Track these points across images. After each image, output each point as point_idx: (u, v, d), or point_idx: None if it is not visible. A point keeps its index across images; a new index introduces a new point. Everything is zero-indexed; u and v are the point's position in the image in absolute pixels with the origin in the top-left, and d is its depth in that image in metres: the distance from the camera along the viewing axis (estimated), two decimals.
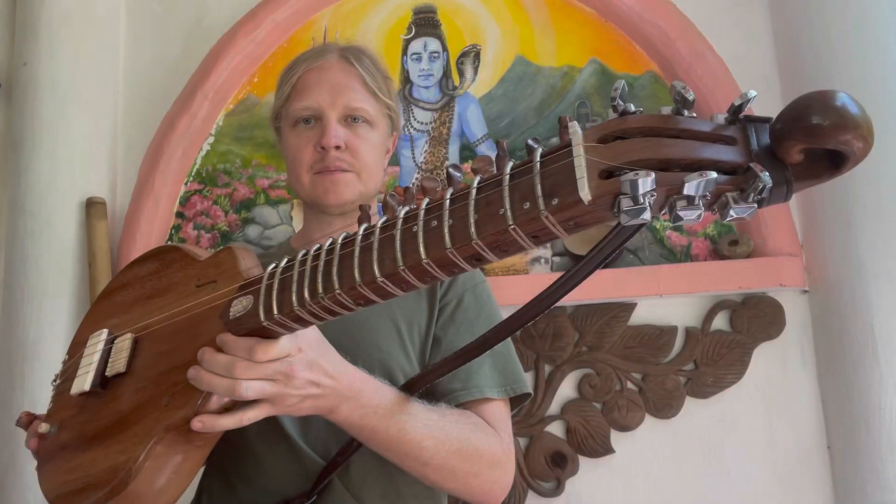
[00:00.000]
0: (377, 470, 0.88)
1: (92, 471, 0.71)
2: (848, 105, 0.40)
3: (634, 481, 1.65)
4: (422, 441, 0.78)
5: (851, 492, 1.54)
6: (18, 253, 1.76)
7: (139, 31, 2.04)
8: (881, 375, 1.49)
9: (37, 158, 1.80)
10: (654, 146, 0.43)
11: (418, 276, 0.54)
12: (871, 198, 1.53)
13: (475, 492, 0.86)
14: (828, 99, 0.40)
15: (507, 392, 0.91)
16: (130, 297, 0.86)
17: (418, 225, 0.54)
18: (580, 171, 0.44)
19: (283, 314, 0.62)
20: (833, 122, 0.39)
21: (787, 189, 0.42)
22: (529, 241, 0.49)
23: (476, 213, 0.50)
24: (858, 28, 1.59)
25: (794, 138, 0.40)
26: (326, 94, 0.99)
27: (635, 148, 0.43)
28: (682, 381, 1.67)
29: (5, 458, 1.65)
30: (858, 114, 0.40)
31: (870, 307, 1.51)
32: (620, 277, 1.66)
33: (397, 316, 0.93)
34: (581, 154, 0.44)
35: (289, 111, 1.02)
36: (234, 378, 0.64)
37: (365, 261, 0.56)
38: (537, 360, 1.70)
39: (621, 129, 0.44)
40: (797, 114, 0.40)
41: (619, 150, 0.43)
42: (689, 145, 0.42)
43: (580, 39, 1.87)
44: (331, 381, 0.70)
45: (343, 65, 1.02)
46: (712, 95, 1.73)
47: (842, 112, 0.39)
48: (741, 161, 0.42)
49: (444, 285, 0.97)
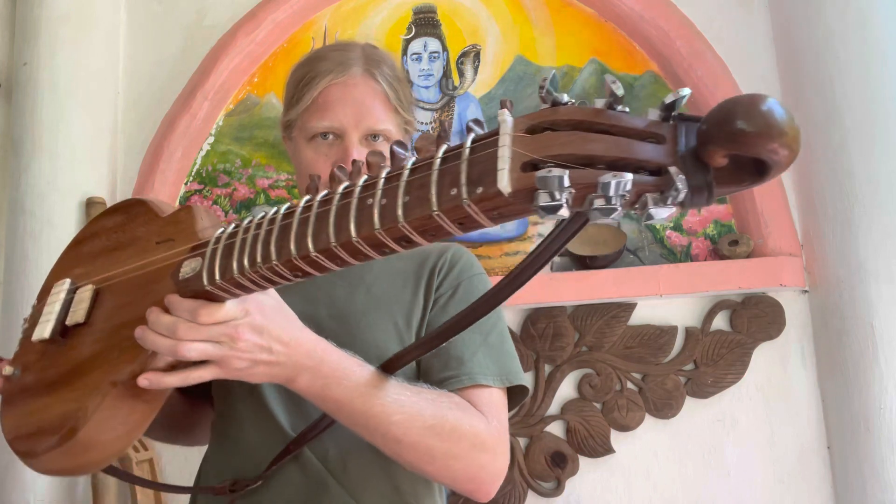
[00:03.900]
0: (375, 469, 0.87)
1: (45, 416, 0.73)
2: (774, 112, 0.38)
3: (634, 481, 1.65)
4: (391, 416, 0.75)
5: (851, 492, 1.54)
6: (18, 253, 1.76)
7: (139, 31, 2.04)
8: (881, 375, 1.49)
9: (37, 158, 1.80)
10: (579, 140, 0.42)
11: (351, 253, 0.54)
12: (871, 198, 1.53)
13: (459, 476, 0.81)
14: (754, 104, 0.38)
15: (503, 381, 0.88)
16: (96, 248, 0.87)
17: (352, 202, 0.53)
18: (502, 161, 0.43)
19: (225, 280, 0.62)
20: (757, 128, 0.38)
21: (708, 194, 0.41)
22: (455, 227, 0.48)
23: (406, 195, 0.49)
24: (858, 28, 1.59)
25: (717, 143, 0.39)
26: (350, 116, 0.96)
27: (560, 141, 0.42)
28: (682, 381, 1.67)
29: (5, 458, 1.65)
30: (785, 121, 0.38)
31: (870, 307, 1.51)
32: (620, 277, 1.66)
33: (395, 311, 0.92)
34: (506, 144, 0.43)
35: (307, 125, 0.98)
36: (176, 339, 0.65)
37: (301, 234, 0.56)
38: (537, 360, 1.70)
39: (551, 121, 0.44)
40: (722, 117, 0.39)
41: (545, 142, 0.43)
42: (615, 142, 0.41)
43: (580, 39, 1.87)
44: (283, 348, 0.69)
45: (368, 82, 0.98)
46: (712, 95, 1.73)
47: (767, 119, 0.38)
48: (665, 162, 0.41)
49: (440, 277, 0.95)
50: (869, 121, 1.54)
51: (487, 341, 0.89)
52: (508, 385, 0.89)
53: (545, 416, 1.68)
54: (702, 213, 1.76)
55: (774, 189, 1.69)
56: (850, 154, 1.56)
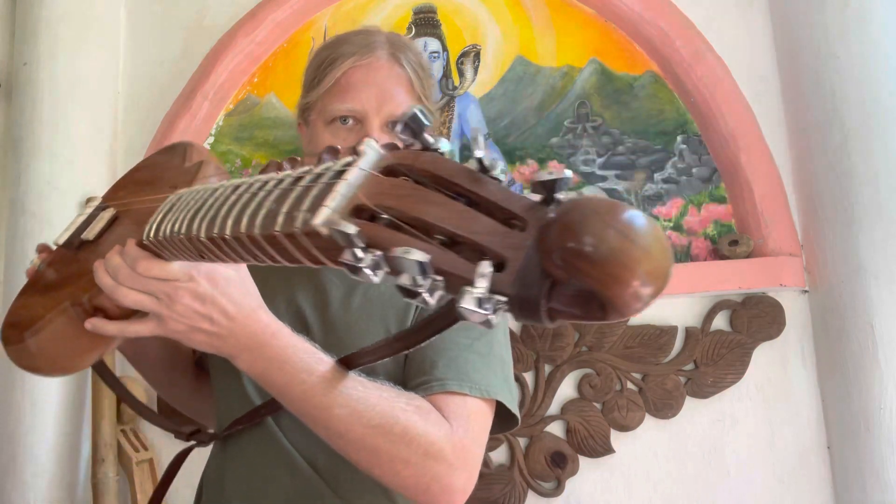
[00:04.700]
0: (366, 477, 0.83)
1: (24, 313, 0.77)
2: (636, 238, 0.29)
3: (634, 481, 1.66)
4: (333, 408, 0.70)
5: (851, 492, 1.54)
6: (18, 253, 1.76)
7: (139, 31, 2.04)
8: (881, 375, 1.49)
9: (37, 158, 1.80)
10: (418, 198, 0.35)
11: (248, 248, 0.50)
12: (871, 198, 1.53)
13: (408, 484, 0.74)
14: (611, 221, 0.29)
15: (480, 391, 0.80)
16: (138, 178, 0.91)
17: (247, 196, 0.50)
18: (333, 197, 0.37)
19: (157, 239, 0.64)
20: (599, 257, 0.29)
21: (534, 313, 0.32)
22: (302, 256, 0.42)
23: (269, 204, 0.45)
24: (858, 28, 1.59)
25: (551, 258, 0.31)
26: (373, 99, 0.92)
27: (399, 193, 0.36)
28: (682, 381, 1.67)
29: (5, 458, 1.65)
30: (643, 254, 0.29)
31: (870, 307, 1.51)
32: None
33: (389, 317, 0.88)
34: (348, 180, 0.38)
35: (327, 107, 0.94)
36: (117, 282, 0.67)
37: (204, 217, 0.54)
38: (537, 360, 1.70)
39: (408, 166, 0.37)
40: (570, 223, 0.30)
41: (387, 189, 0.36)
42: (459, 213, 0.34)
43: (580, 39, 1.87)
44: (227, 321, 0.68)
45: (392, 66, 0.94)
46: (712, 95, 1.73)
47: (618, 249, 0.29)
48: (505, 256, 0.32)
49: None
50: (869, 121, 1.54)
51: (473, 347, 0.83)
52: (486, 397, 0.81)
53: (545, 416, 1.68)
54: (702, 212, 1.76)
55: (774, 189, 1.70)
56: (850, 154, 1.56)
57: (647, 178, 1.78)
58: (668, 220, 1.76)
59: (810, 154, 1.66)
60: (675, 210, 1.76)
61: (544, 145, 1.83)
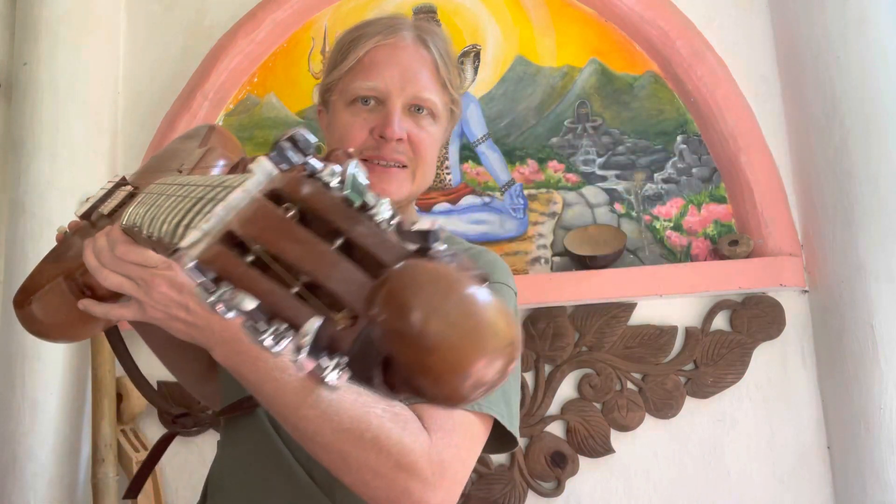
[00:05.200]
0: None
1: (36, 277, 0.80)
2: (475, 319, 0.25)
3: (634, 481, 1.66)
4: (302, 408, 0.67)
5: (851, 492, 1.54)
6: (18, 253, 1.76)
7: (139, 31, 2.04)
8: (881, 375, 1.49)
9: (37, 158, 1.80)
10: (282, 233, 0.31)
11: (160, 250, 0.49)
12: (871, 198, 1.53)
13: (378, 496, 0.69)
14: (449, 294, 0.26)
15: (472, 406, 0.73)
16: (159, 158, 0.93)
17: (174, 200, 0.47)
18: (207, 220, 0.32)
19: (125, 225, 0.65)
20: (423, 336, 0.25)
21: (369, 384, 0.29)
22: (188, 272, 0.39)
23: (176, 213, 0.42)
24: (858, 28, 1.59)
25: (375, 331, 0.27)
26: (397, 78, 0.88)
27: (266, 224, 0.31)
28: (682, 381, 1.67)
29: (5, 458, 1.65)
30: (477, 339, 0.25)
31: (870, 307, 1.51)
32: (620, 277, 1.66)
33: None
34: (226, 202, 0.33)
35: (348, 86, 0.90)
36: (100, 262, 0.69)
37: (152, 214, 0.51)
38: (537, 360, 1.70)
39: (289, 193, 0.32)
40: (390, 295, 0.27)
41: (260, 216, 0.32)
42: (319, 256, 0.30)
43: (580, 39, 1.87)
44: (203, 312, 0.67)
45: (418, 47, 0.91)
46: (712, 95, 1.73)
47: (447, 329, 0.25)
48: (357, 311, 0.28)
49: None
50: (869, 121, 1.54)
51: None
52: (477, 411, 0.74)
53: (545, 416, 1.68)
54: (702, 212, 1.76)
55: (774, 189, 1.69)
56: (850, 154, 1.56)
57: (647, 178, 1.78)
58: (668, 219, 1.76)
59: (810, 154, 1.66)
60: (675, 210, 1.76)
61: (544, 145, 1.83)
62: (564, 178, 1.81)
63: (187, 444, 1.73)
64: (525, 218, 1.80)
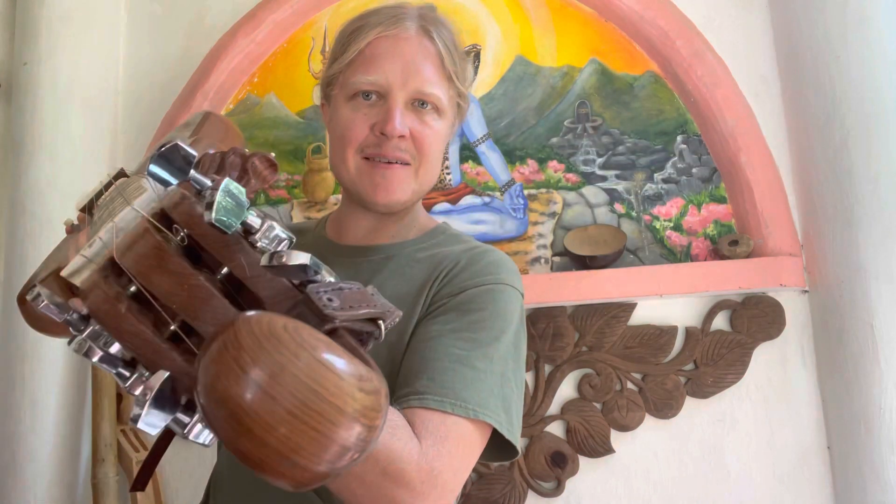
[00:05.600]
0: None
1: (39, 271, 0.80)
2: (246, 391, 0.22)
3: (634, 481, 1.66)
4: None
5: (851, 492, 1.54)
6: (18, 253, 1.76)
7: (139, 31, 2.04)
8: (881, 375, 1.49)
9: (37, 158, 1.80)
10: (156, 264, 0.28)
11: None
12: (871, 198, 1.53)
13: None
14: (238, 350, 0.22)
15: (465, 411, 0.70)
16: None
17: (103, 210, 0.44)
18: (91, 245, 0.30)
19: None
20: (211, 404, 0.22)
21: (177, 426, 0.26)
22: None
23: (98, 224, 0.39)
24: (858, 28, 1.59)
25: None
26: (398, 72, 0.85)
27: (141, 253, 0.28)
28: (682, 381, 1.67)
29: (5, 458, 1.65)
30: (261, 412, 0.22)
31: (870, 307, 1.51)
32: (620, 277, 1.66)
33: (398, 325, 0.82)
34: (113, 222, 0.30)
35: (349, 80, 0.87)
36: None
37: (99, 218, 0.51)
38: (537, 360, 1.70)
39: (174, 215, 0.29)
40: (220, 379, 0.24)
41: (139, 244, 0.29)
42: (189, 291, 0.27)
43: (580, 39, 1.87)
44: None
45: (422, 39, 0.87)
46: (712, 95, 1.73)
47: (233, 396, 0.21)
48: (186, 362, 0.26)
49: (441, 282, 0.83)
50: (869, 121, 1.54)
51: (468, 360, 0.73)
52: (473, 417, 0.70)
53: (545, 416, 1.68)
54: (702, 212, 1.76)
55: (774, 189, 1.69)
56: (850, 154, 1.56)
57: (647, 178, 1.78)
58: (668, 219, 1.76)
59: (810, 154, 1.66)
60: (675, 210, 1.76)
61: (544, 145, 1.83)
62: (564, 178, 1.81)
63: (187, 443, 1.73)
64: (525, 218, 1.80)
